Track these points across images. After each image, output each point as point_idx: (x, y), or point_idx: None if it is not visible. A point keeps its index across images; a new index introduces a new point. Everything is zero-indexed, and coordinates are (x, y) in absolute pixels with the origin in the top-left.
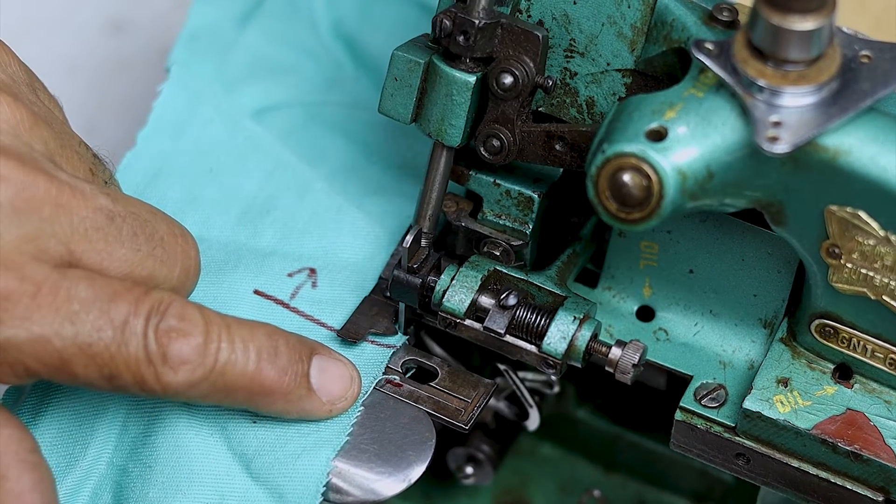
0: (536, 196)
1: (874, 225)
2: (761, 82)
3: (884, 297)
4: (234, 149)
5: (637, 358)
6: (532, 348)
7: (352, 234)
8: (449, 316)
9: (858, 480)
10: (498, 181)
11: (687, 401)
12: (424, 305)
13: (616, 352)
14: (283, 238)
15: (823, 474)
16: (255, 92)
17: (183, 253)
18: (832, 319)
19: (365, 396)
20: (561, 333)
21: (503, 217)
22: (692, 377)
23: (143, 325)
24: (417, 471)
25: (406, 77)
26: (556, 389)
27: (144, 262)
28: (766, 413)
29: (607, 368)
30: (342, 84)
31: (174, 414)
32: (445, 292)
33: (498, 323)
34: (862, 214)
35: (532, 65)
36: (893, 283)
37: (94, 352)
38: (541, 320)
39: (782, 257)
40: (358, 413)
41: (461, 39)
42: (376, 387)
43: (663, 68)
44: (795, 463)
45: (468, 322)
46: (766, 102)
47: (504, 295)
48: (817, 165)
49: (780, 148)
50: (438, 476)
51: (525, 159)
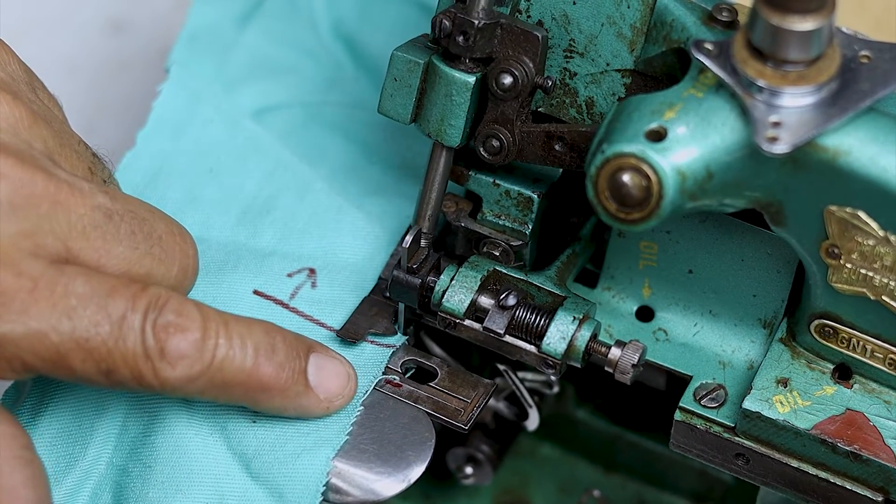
0: (536, 196)
1: (874, 225)
2: (761, 82)
3: (883, 298)
4: (234, 149)
5: (636, 358)
6: (531, 348)
7: (351, 235)
8: (448, 316)
9: (858, 480)
10: (497, 181)
11: (686, 401)
12: (424, 306)
13: (615, 352)
14: (283, 238)
15: (823, 474)
16: (255, 92)
17: (181, 252)
18: (832, 319)
19: (364, 396)
20: (560, 333)
21: (503, 217)
22: (692, 377)
23: (141, 321)
24: (417, 471)
25: (406, 77)
26: (556, 389)
27: (142, 261)
28: (766, 413)
29: (607, 368)
30: (342, 84)
31: (174, 414)
32: (445, 292)
33: (497, 323)
34: (861, 215)
35: (531, 65)
36: (893, 284)
37: (92, 347)
38: (540, 320)
39: (782, 257)
40: (357, 413)
41: (461, 40)
42: (376, 387)
43: (663, 68)
44: (795, 463)
45: (468, 322)
46: (766, 103)
47: (503, 295)
48: (817, 166)
49: (780, 148)
50: (438, 476)
51: (524, 159)
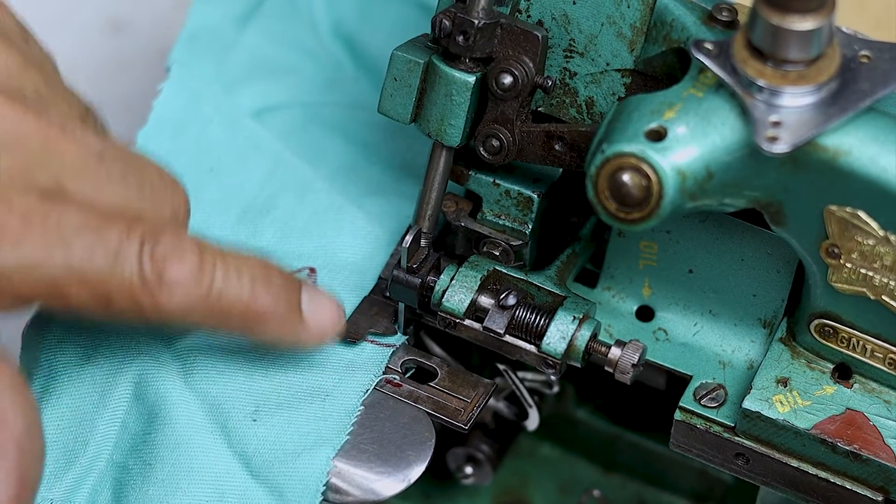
0: (536, 196)
1: (874, 225)
2: (761, 82)
3: (883, 297)
4: (235, 148)
5: (636, 358)
6: (531, 348)
7: (351, 234)
8: (448, 316)
9: (858, 480)
10: (497, 181)
11: (686, 401)
12: (424, 305)
13: (615, 352)
14: (283, 238)
15: (823, 474)
16: (255, 92)
17: (172, 195)
18: (832, 319)
19: (364, 396)
20: (560, 333)
21: (502, 217)
22: (692, 377)
23: (138, 250)
24: (417, 471)
25: (405, 77)
26: (556, 389)
27: (133, 203)
28: (766, 413)
29: (607, 368)
30: (342, 84)
31: (174, 412)
32: (445, 292)
33: (497, 323)
34: (861, 214)
35: (531, 65)
36: (893, 283)
37: (87, 276)
38: (540, 320)
39: (782, 257)
40: (357, 413)
41: (461, 39)
42: (376, 387)
43: (663, 68)
44: (795, 463)
45: (467, 322)
46: (766, 102)
47: (503, 295)
48: (817, 165)
49: (780, 148)
50: (438, 476)
51: (524, 159)
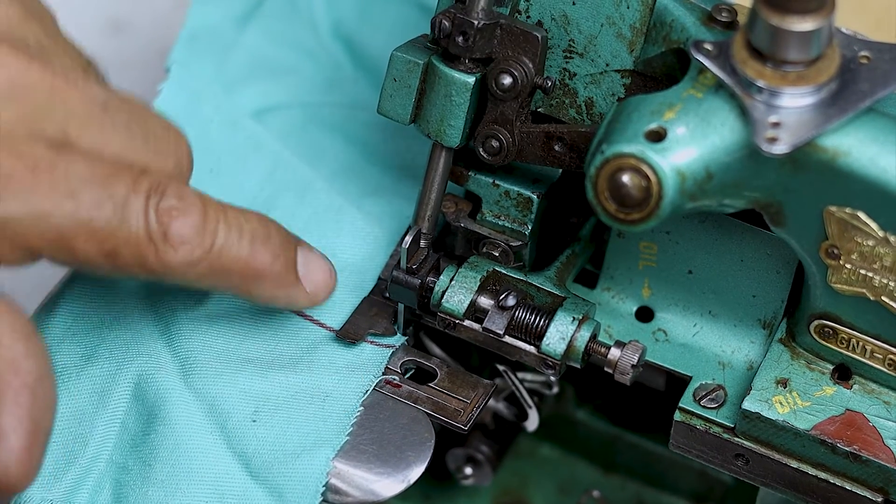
0: (535, 197)
1: (873, 226)
2: (760, 83)
3: (883, 298)
4: (234, 149)
5: (636, 358)
6: (531, 349)
7: (351, 235)
8: (448, 316)
9: (857, 481)
10: (497, 182)
11: (686, 401)
12: (423, 306)
13: (615, 352)
14: None
15: (822, 475)
16: (255, 92)
17: (176, 146)
18: (831, 320)
19: (364, 397)
20: (560, 334)
21: (502, 218)
22: (691, 378)
23: (144, 204)
24: (416, 471)
25: (405, 78)
26: (556, 390)
27: (138, 153)
28: (765, 414)
29: (606, 369)
30: (341, 85)
31: (174, 412)
32: (444, 293)
33: (497, 324)
34: (861, 215)
35: (531, 65)
36: (892, 284)
37: (94, 228)
38: (540, 321)
39: (781, 258)
40: (357, 413)
41: (460, 40)
42: (375, 387)
43: (662, 69)
44: (794, 463)
45: (467, 323)
46: (765, 103)
47: (503, 296)
48: (816, 166)
49: (779, 149)
50: (437, 477)
51: (524, 160)
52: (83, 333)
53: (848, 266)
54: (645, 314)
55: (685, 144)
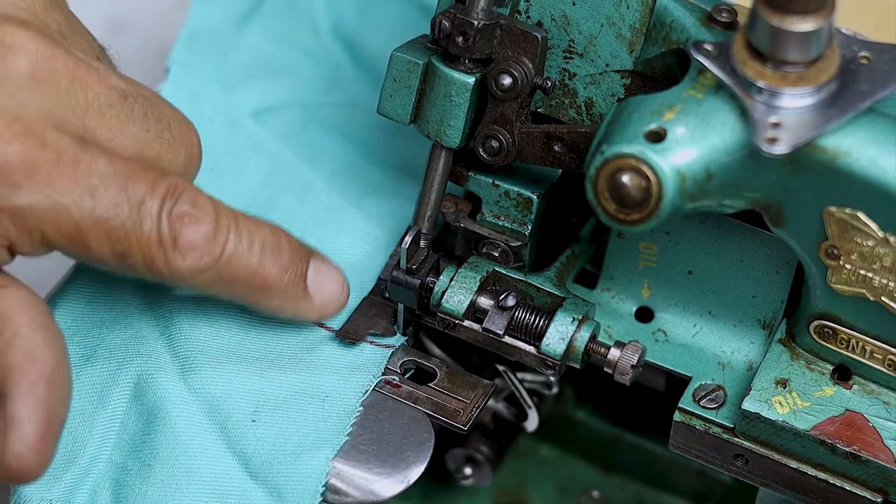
0: (535, 197)
1: (873, 226)
2: (760, 83)
3: (882, 299)
4: (234, 149)
5: (636, 359)
6: (531, 349)
7: (351, 235)
8: (448, 317)
9: (857, 481)
10: (497, 182)
11: (686, 402)
12: (423, 306)
13: (615, 353)
14: None
15: (822, 475)
16: (255, 92)
17: (187, 139)
18: (831, 320)
19: (364, 397)
20: (560, 334)
21: (502, 218)
22: (691, 378)
23: (159, 207)
24: (416, 471)
25: (405, 78)
26: (555, 390)
27: (153, 144)
28: (765, 414)
29: (606, 369)
30: (341, 85)
31: (174, 412)
32: (444, 293)
33: (497, 324)
34: (861, 216)
35: (531, 66)
36: (892, 285)
37: (110, 227)
38: (539, 321)
39: (781, 258)
40: (357, 414)
41: (460, 40)
42: (375, 388)
43: (662, 69)
44: (794, 464)
45: (467, 323)
46: (765, 103)
47: (503, 296)
48: (816, 167)
49: (779, 149)
50: (437, 477)
51: (524, 160)
52: (83, 333)
53: (848, 266)
54: (645, 314)
55: (685, 145)
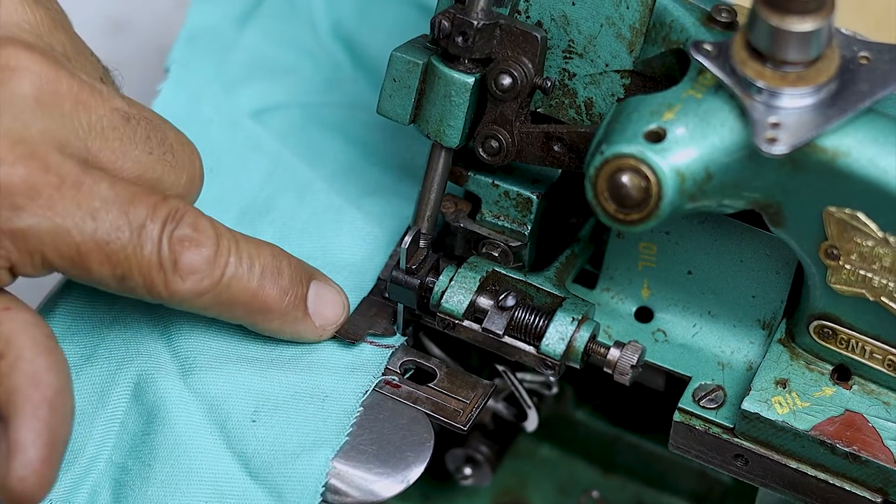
0: (535, 197)
1: (873, 226)
2: (760, 83)
3: (882, 299)
4: (234, 149)
5: (635, 359)
6: (530, 349)
7: (351, 235)
8: (447, 317)
9: (857, 481)
10: (496, 182)
11: (685, 402)
12: (423, 306)
13: (614, 353)
14: (282, 238)
15: (822, 475)
16: (255, 92)
17: (189, 161)
18: (831, 321)
19: (364, 397)
20: (559, 334)
21: (502, 218)
22: (691, 378)
23: (159, 231)
24: (416, 472)
25: (405, 78)
26: (555, 390)
27: (155, 166)
28: (765, 414)
29: (606, 369)
30: (341, 85)
31: (174, 412)
32: (444, 293)
33: (496, 324)
34: (860, 216)
35: (531, 66)
36: (892, 285)
37: (111, 250)
38: (539, 321)
39: (781, 258)
40: (357, 414)
41: (460, 40)
42: (375, 388)
43: (662, 69)
44: (794, 464)
45: (466, 323)
46: (765, 103)
47: (502, 296)
48: (816, 167)
49: (779, 149)
50: (437, 477)
51: (524, 160)
52: (83, 333)
53: (847, 266)
54: (644, 314)
55: (685, 145)
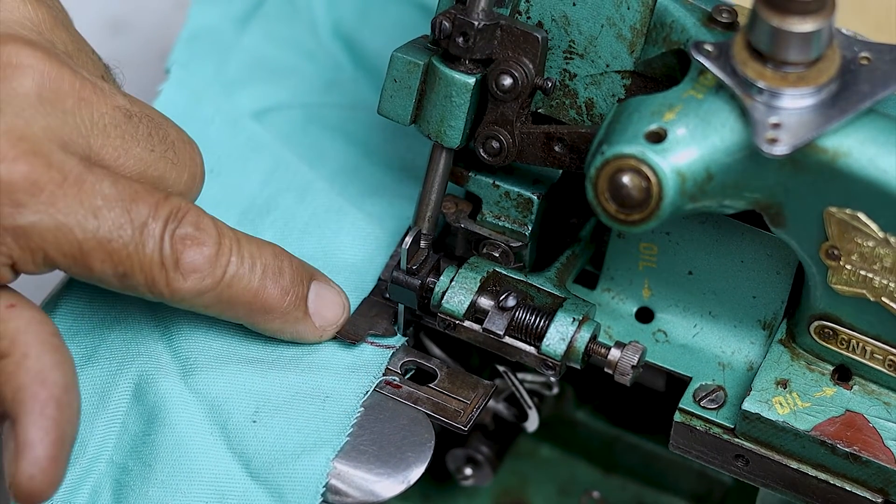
0: (536, 197)
1: (873, 226)
2: (761, 84)
3: (883, 299)
4: (235, 149)
5: (636, 359)
6: (531, 350)
7: (351, 235)
8: (448, 317)
9: (857, 482)
10: (497, 182)
11: (686, 402)
12: (423, 307)
13: (615, 353)
14: (283, 238)
15: (822, 476)
16: (255, 93)
17: (191, 159)
18: (831, 321)
19: (364, 398)
20: (560, 335)
21: (502, 218)
22: (691, 378)
23: (161, 229)
24: (416, 472)
25: (405, 78)
26: (556, 391)
27: (157, 163)
28: (765, 414)
29: (606, 370)
30: (342, 85)
31: (174, 412)
32: (444, 293)
33: (497, 324)
34: (861, 216)
35: (531, 66)
36: (892, 285)
37: (112, 248)
38: (540, 322)
39: (781, 259)
40: (357, 414)
41: (460, 41)
42: (375, 388)
43: (663, 70)
44: (794, 464)
45: (467, 323)
46: (766, 104)
47: (503, 296)
48: (816, 167)
49: (780, 149)
50: (437, 477)
51: (524, 161)
52: (83, 333)
53: (848, 267)
54: (645, 315)
55: (685, 145)
